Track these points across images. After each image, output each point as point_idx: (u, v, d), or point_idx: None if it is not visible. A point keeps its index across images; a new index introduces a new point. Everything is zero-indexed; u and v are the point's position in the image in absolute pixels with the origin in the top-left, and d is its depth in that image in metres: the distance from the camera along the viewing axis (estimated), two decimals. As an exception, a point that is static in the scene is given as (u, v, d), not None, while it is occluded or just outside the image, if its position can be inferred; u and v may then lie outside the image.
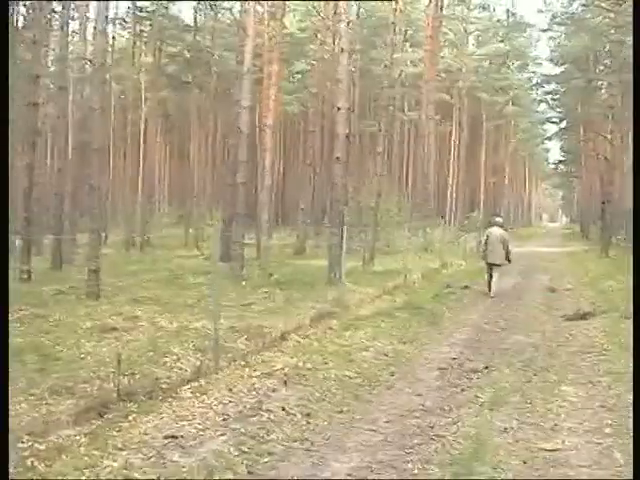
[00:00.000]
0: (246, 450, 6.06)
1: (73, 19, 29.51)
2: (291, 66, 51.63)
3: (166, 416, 6.91)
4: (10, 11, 21.59)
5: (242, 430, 6.54)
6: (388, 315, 13.52)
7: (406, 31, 49.28)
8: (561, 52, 54.84)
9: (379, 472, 5.69)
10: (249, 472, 5.63)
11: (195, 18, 46.23)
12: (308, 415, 7.11)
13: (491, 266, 18.39)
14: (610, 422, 7.04)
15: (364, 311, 14.16)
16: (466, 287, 19.07)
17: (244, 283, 17.91)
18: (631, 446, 5.77)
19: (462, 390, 8.34)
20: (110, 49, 39.50)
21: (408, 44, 52.20)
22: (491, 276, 18.29)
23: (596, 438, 6.57)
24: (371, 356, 9.93)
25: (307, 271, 21.01)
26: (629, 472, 5.65)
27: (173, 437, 6.30)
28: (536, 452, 6.18)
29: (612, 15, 33.25)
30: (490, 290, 18.05)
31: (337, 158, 18.98)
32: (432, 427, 6.85)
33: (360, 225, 26.27)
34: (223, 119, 47.60)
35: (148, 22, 45.57)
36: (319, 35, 43.68)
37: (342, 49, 19.34)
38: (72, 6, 27.07)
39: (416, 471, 5.71)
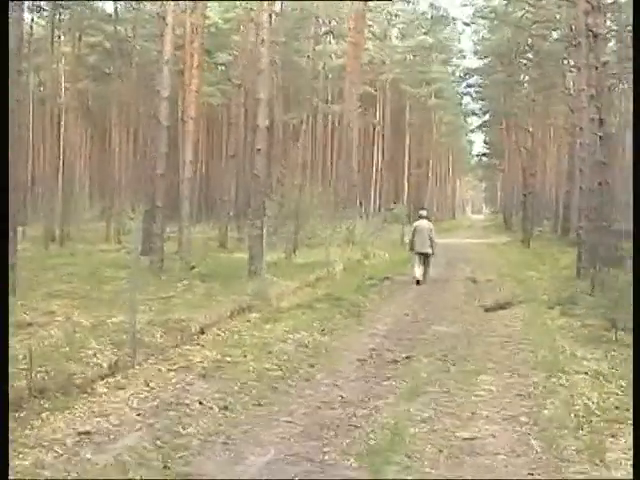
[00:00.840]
0: (161, 445, 5.97)
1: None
2: (214, 57, 51.16)
3: (80, 412, 6.78)
4: None
5: (158, 425, 6.46)
6: (309, 307, 13.54)
7: (330, 22, 49.40)
8: (484, 45, 55.47)
9: (295, 464, 5.65)
10: (164, 467, 5.53)
11: (116, 8, 45.32)
12: (225, 408, 7.05)
13: (421, 255, 19.10)
14: (527, 410, 7.15)
15: (285, 303, 14.09)
16: (388, 278, 19.24)
17: (163, 277, 17.73)
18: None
19: (381, 381, 8.36)
20: (27, 38, 38.71)
21: (332, 36, 52.32)
22: (420, 265, 18.99)
23: (513, 426, 6.66)
24: (291, 348, 9.89)
25: (228, 264, 20.89)
26: (547, 459, 5.76)
27: (87, 434, 6.18)
28: (453, 440, 6.23)
29: (533, 9, 33.73)
30: (421, 277, 18.81)
31: (258, 150, 18.87)
32: (350, 418, 6.85)
33: (282, 217, 26.17)
34: (145, 110, 46.88)
35: (67, 11, 44.59)
36: (242, 26, 43.35)
37: (263, 40, 19.24)
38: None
39: (333, 462, 5.69)
